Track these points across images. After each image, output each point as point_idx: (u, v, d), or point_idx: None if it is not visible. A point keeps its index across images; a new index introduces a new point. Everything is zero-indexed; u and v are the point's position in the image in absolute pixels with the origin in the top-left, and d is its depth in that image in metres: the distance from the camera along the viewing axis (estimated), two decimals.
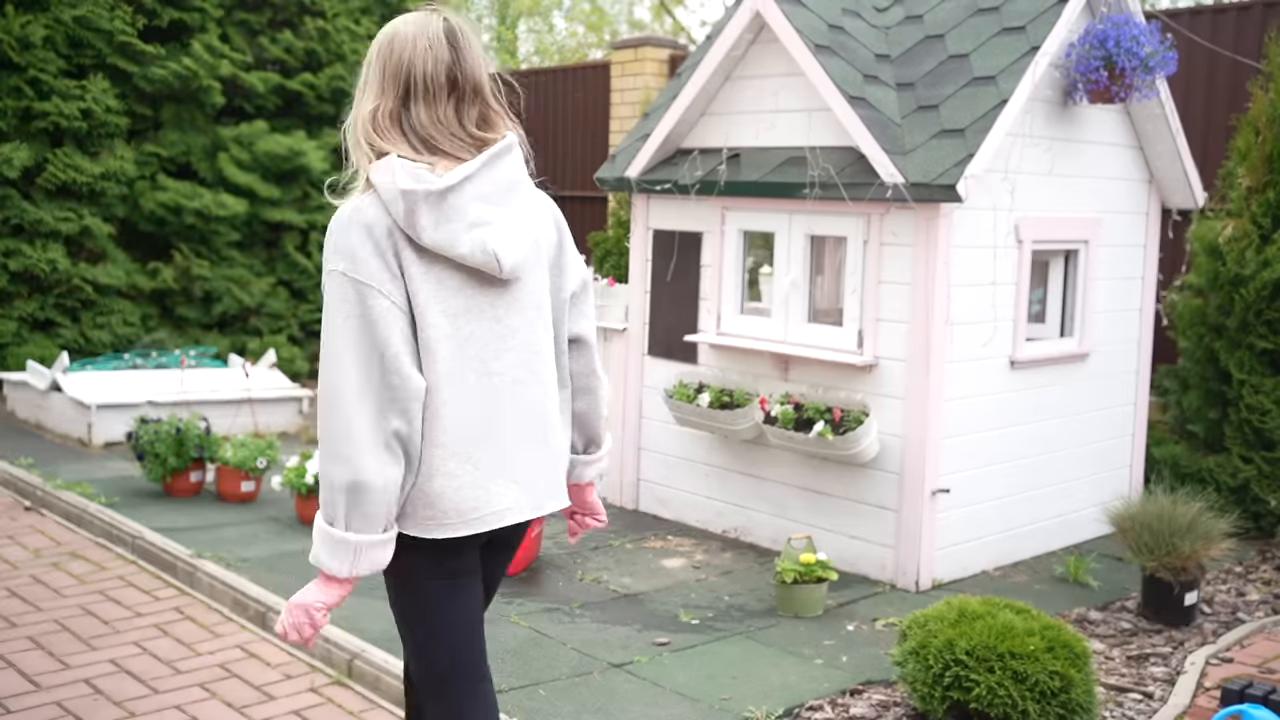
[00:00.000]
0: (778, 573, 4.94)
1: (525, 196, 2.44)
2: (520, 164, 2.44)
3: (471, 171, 2.31)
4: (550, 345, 2.51)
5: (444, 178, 2.27)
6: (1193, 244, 6.55)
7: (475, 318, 2.35)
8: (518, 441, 2.42)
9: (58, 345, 9.46)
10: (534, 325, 2.46)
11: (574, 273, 2.62)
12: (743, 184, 5.74)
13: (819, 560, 4.93)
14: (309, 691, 4.18)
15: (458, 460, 2.34)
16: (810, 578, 4.91)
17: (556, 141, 11.29)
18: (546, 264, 2.52)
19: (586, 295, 2.66)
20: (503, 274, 2.34)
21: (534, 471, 2.46)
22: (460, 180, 2.28)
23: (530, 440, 2.45)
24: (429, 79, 2.33)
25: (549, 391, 2.50)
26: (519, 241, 2.37)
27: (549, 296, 2.52)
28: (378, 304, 2.25)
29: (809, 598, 4.90)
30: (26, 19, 9.23)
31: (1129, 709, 4.04)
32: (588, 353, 2.65)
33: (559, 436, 2.56)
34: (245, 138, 10.25)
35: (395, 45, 2.35)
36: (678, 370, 6.22)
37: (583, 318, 2.65)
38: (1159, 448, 6.64)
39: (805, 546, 5.01)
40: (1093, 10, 5.68)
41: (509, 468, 2.40)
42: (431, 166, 2.30)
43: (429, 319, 2.29)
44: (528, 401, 2.44)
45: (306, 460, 6.03)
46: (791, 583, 4.89)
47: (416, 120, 2.33)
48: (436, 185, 2.25)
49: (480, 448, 2.36)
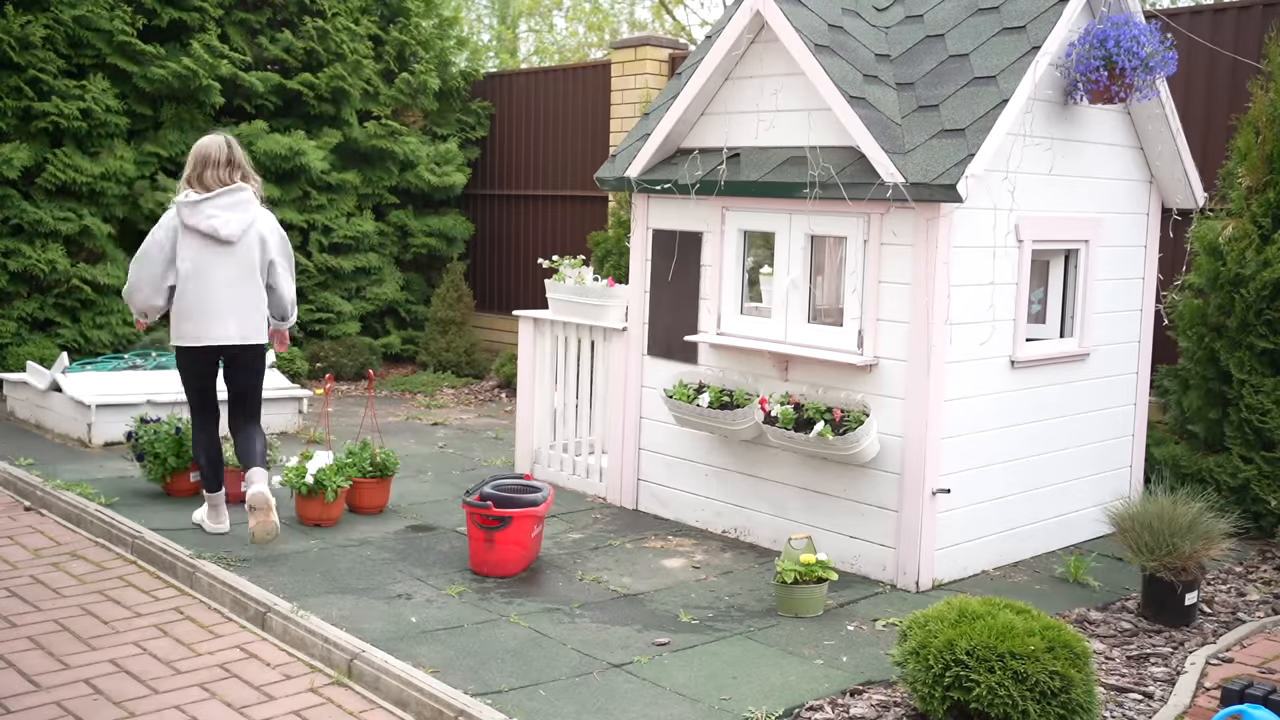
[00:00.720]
0: (778, 573, 4.94)
1: (247, 210, 5.62)
2: (247, 196, 5.64)
3: (211, 197, 5.56)
4: (256, 276, 5.64)
5: (199, 198, 5.54)
6: (1193, 244, 6.55)
7: (208, 259, 5.55)
8: (223, 310, 5.57)
9: (57, 345, 9.46)
10: (244, 266, 5.61)
11: (271, 251, 5.70)
12: (743, 184, 5.73)
13: (819, 560, 4.93)
14: (309, 691, 4.18)
15: (189, 316, 5.57)
16: (810, 578, 4.91)
17: (556, 141, 11.29)
18: (257, 243, 5.64)
19: (279, 266, 5.74)
20: (222, 240, 5.54)
21: (234, 325, 5.60)
22: (203, 200, 5.54)
23: (234, 309, 5.59)
24: (215, 159, 5.62)
25: (249, 292, 5.63)
26: (234, 227, 5.56)
27: (256, 258, 5.64)
28: (164, 242, 5.58)
29: (809, 598, 4.90)
30: (26, 19, 9.23)
31: (1129, 709, 4.04)
32: (277, 292, 5.77)
33: (256, 310, 5.66)
34: (245, 137, 10.24)
35: (201, 146, 5.65)
36: (678, 370, 6.22)
37: (275, 277, 5.74)
38: (1159, 448, 6.64)
39: (805, 547, 5.01)
40: (1093, 10, 5.68)
41: (216, 322, 5.56)
42: (200, 194, 5.57)
43: (182, 255, 5.55)
44: (232, 294, 5.58)
45: (306, 460, 6.02)
46: (791, 583, 4.89)
47: (203, 176, 5.61)
48: (193, 200, 5.55)
49: (199, 309, 5.56)
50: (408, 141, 11.22)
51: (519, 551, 5.36)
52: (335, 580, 5.21)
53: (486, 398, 10.44)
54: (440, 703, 3.91)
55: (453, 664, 4.28)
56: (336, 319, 11.09)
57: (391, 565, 5.46)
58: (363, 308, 11.35)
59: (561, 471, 7.10)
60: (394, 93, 11.28)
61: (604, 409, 6.87)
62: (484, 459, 7.85)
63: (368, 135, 11.02)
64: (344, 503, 6.17)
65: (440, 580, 5.26)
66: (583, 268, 6.97)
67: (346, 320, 11.16)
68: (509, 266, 11.88)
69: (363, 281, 11.35)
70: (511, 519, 5.28)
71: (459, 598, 5.04)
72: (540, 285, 10.53)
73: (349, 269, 11.07)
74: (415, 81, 11.26)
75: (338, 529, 6.02)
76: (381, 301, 11.48)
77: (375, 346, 11.17)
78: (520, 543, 5.34)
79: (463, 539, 5.85)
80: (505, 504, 5.38)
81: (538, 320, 7.23)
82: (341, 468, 6.08)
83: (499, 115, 11.97)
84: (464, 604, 4.96)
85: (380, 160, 11.27)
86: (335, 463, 6.08)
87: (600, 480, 6.86)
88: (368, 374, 8.84)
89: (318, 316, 10.96)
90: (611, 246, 9.67)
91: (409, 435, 8.58)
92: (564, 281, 6.97)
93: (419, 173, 11.38)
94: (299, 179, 10.60)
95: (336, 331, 11.05)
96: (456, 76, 11.82)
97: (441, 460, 7.78)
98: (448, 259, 12.01)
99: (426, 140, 11.63)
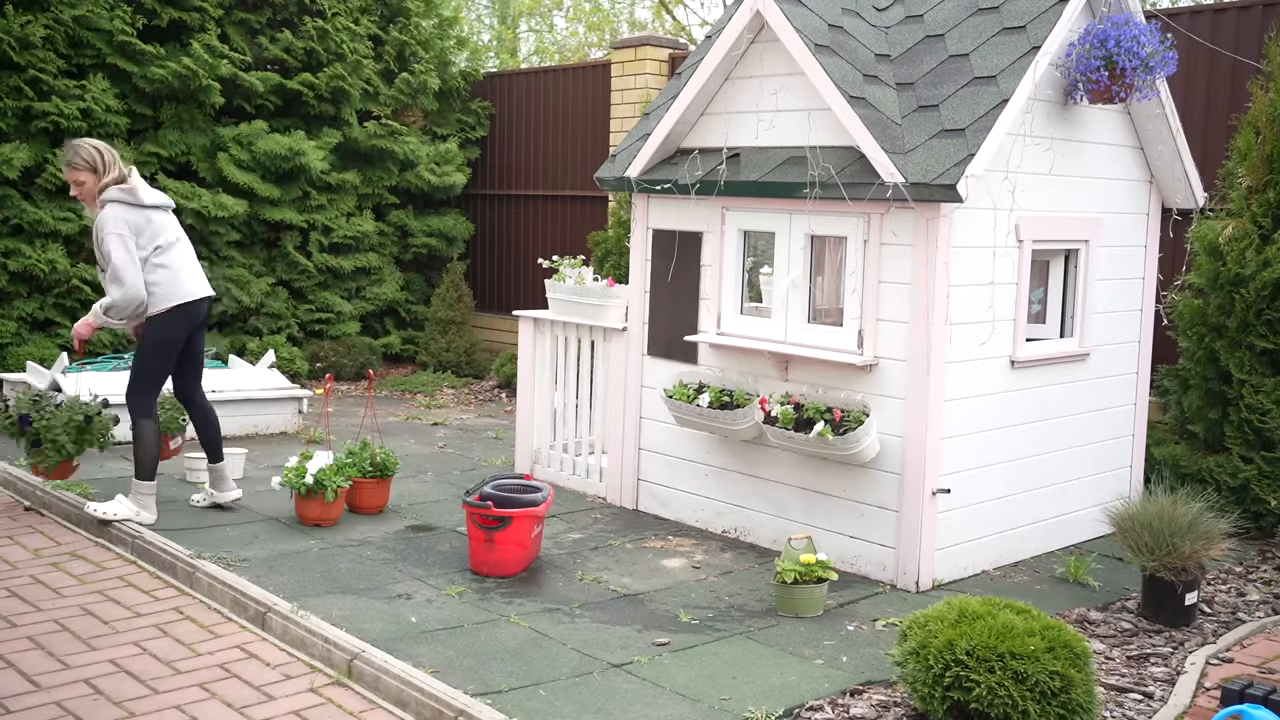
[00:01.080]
0: (778, 573, 4.94)
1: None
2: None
3: (132, 177, 6.00)
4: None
5: (133, 183, 5.95)
6: (1193, 244, 6.55)
7: (170, 224, 6.03)
8: (197, 266, 6.08)
9: (57, 345, 9.46)
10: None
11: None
12: (743, 184, 5.73)
13: (819, 560, 4.93)
14: (309, 691, 4.18)
15: (181, 273, 5.95)
16: (810, 578, 4.91)
17: (556, 141, 11.29)
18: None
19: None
20: (166, 207, 6.08)
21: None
22: (136, 183, 5.95)
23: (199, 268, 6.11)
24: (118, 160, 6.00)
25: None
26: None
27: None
28: (130, 241, 5.88)
29: (809, 598, 4.90)
30: (26, 19, 9.23)
31: (1129, 709, 4.04)
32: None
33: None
34: (245, 137, 10.25)
35: (102, 147, 5.91)
36: (678, 370, 6.22)
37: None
38: (1159, 448, 6.64)
39: (805, 547, 5.00)
40: (1093, 10, 5.68)
41: (200, 276, 6.05)
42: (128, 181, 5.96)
43: (150, 232, 5.93)
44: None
45: (306, 460, 6.02)
46: (791, 583, 4.89)
47: (114, 167, 5.93)
48: (129, 186, 5.94)
49: (190, 264, 6.03)
50: (408, 141, 11.22)
51: (519, 551, 5.36)
52: (335, 580, 5.21)
53: (486, 398, 10.44)
54: (440, 703, 3.91)
55: (453, 664, 4.28)
56: (336, 319, 11.09)
57: (391, 565, 5.46)
58: (363, 308, 11.34)
59: (561, 471, 7.10)
60: (394, 93, 11.27)
61: (604, 409, 6.87)
62: (484, 459, 7.85)
63: (368, 135, 11.02)
64: (344, 503, 6.17)
65: (440, 580, 5.26)
66: (583, 268, 6.97)
67: (346, 320, 11.16)
68: (509, 266, 11.88)
69: (363, 281, 11.35)
70: (511, 519, 5.28)
71: (459, 598, 5.03)
72: (540, 285, 10.55)
73: (349, 269, 11.07)
74: (415, 81, 11.26)
75: (337, 529, 6.02)
76: (381, 301, 11.48)
77: (375, 346, 11.17)
78: (520, 543, 5.34)
79: (463, 539, 5.85)
80: (505, 504, 5.38)
81: (538, 320, 7.23)
82: (341, 468, 6.08)
83: (499, 115, 11.97)
84: (464, 604, 4.96)
85: (380, 160, 11.27)
86: (335, 462, 6.08)
87: (600, 480, 6.86)
88: (368, 374, 8.85)
89: (318, 316, 10.96)
90: (611, 246, 9.67)
91: (409, 435, 8.58)
92: (564, 281, 6.97)
93: (419, 173, 11.38)
94: (299, 179, 10.60)
95: (336, 331, 11.05)
96: (456, 76, 11.82)
97: (441, 460, 7.78)
98: (448, 259, 12.01)
99: (426, 140, 11.62)
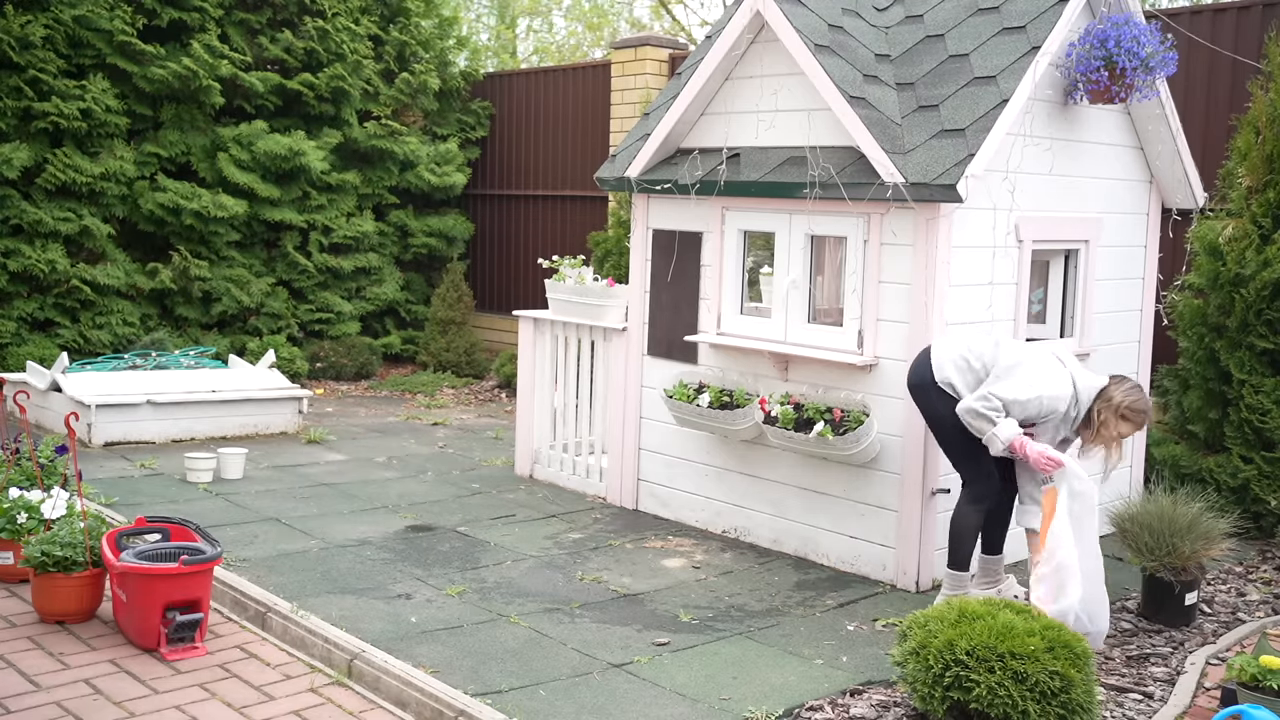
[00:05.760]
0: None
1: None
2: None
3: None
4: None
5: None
6: (1193, 244, 6.55)
7: None
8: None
9: (57, 345, 9.46)
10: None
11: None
12: (743, 184, 5.73)
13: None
14: (309, 692, 4.18)
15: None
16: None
17: (556, 141, 11.29)
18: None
19: None
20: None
21: None
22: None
23: None
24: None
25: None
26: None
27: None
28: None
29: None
30: (26, 19, 9.23)
31: (1129, 709, 4.04)
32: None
33: None
34: (245, 137, 10.25)
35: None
36: (678, 370, 6.22)
37: None
38: (1159, 448, 6.64)
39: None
40: (1093, 10, 5.68)
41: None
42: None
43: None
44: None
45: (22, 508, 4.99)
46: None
47: None
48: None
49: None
50: (408, 141, 11.22)
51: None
52: (335, 580, 5.21)
53: (486, 398, 10.44)
54: (440, 703, 3.91)
55: (453, 664, 4.28)
56: (336, 319, 11.09)
57: (391, 565, 5.46)
58: (363, 308, 11.35)
59: (561, 471, 7.10)
60: (394, 93, 11.27)
61: (604, 409, 6.87)
62: (484, 459, 7.85)
63: (368, 135, 11.02)
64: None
65: (440, 580, 5.26)
66: (583, 268, 6.98)
67: (346, 320, 11.16)
68: (509, 266, 11.88)
69: (363, 281, 11.35)
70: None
71: (459, 598, 5.03)
72: (540, 285, 10.54)
73: (349, 269, 11.07)
74: (415, 81, 11.26)
75: (338, 529, 6.01)
76: (381, 301, 11.48)
77: (375, 346, 11.18)
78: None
79: (464, 539, 5.85)
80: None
81: (538, 320, 7.23)
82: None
83: (499, 115, 11.97)
84: (464, 604, 4.96)
85: (380, 160, 11.27)
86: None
87: (600, 480, 6.86)
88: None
89: (318, 316, 10.96)
90: (611, 246, 9.67)
91: (409, 435, 8.58)
92: (564, 281, 6.97)
93: (419, 173, 11.38)
94: (299, 179, 10.60)
95: (336, 331, 11.05)
96: (456, 76, 11.82)
97: (441, 460, 7.78)
98: (448, 259, 12.01)
99: (426, 140, 11.62)
